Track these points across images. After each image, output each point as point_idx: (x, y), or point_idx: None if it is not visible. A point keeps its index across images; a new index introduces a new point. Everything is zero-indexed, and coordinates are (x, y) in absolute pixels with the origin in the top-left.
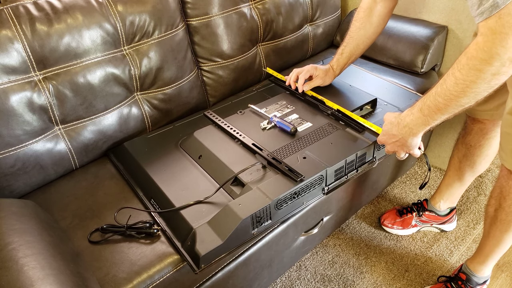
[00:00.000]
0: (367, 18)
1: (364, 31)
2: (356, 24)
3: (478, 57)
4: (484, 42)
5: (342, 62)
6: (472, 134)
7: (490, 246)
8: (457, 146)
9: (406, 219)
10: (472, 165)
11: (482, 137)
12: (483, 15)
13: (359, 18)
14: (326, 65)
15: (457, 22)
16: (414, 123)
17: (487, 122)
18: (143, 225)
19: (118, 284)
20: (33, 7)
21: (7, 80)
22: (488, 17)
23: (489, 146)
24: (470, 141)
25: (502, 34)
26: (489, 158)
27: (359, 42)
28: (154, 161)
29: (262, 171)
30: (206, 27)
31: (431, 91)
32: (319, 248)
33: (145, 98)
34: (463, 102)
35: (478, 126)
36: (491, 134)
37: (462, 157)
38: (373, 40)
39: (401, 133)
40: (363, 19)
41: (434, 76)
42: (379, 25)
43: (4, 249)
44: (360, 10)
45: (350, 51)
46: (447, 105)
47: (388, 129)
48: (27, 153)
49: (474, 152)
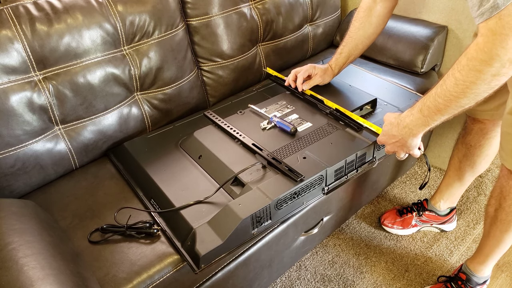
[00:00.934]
0: (367, 18)
1: (363, 31)
2: (355, 24)
3: (478, 58)
4: (484, 43)
5: (341, 61)
6: (472, 134)
7: (490, 246)
8: (457, 146)
9: (406, 219)
10: (472, 165)
11: (482, 137)
12: (483, 16)
13: (358, 18)
14: (325, 65)
15: (457, 22)
16: (414, 123)
17: (487, 122)
18: (143, 225)
19: (118, 284)
20: (33, 7)
21: (7, 80)
22: (488, 18)
23: (489, 146)
24: (470, 141)
25: (502, 35)
26: (489, 158)
27: (358, 42)
28: (154, 161)
29: (262, 171)
30: (206, 27)
31: (431, 91)
32: (319, 248)
33: (145, 98)
34: (463, 103)
35: (478, 126)
36: (491, 134)
37: (462, 157)
38: (372, 40)
39: (401, 134)
40: (362, 19)
41: (434, 76)
42: (379, 25)
43: (4, 249)
44: (359, 10)
45: (349, 51)
46: (447, 106)
47: (388, 129)
48: (27, 153)
49: (474, 152)
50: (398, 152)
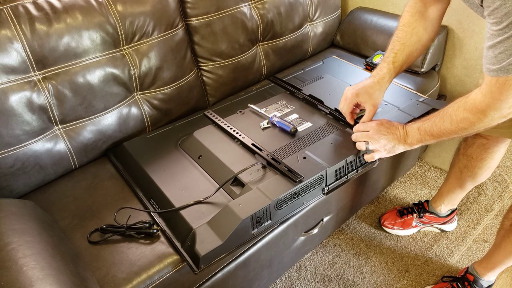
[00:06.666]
0: (419, 23)
1: (417, 37)
2: (406, 29)
3: (472, 112)
4: (480, 102)
5: (395, 72)
6: (473, 147)
7: (500, 256)
8: (458, 157)
9: (407, 220)
10: (473, 176)
11: (484, 151)
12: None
13: (409, 23)
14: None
15: (457, 22)
16: (412, 134)
17: (490, 138)
18: (143, 225)
19: (118, 284)
20: (33, 7)
21: (7, 80)
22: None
23: (491, 159)
24: (471, 153)
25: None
26: (490, 170)
27: (413, 50)
28: (153, 161)
29: (262, 171)
30: (205, 27)
31: (431, 116)
32: (319, 248)
33: (144, 98)
34: (456, 137)
35: (480, 141)
36: (493, 149)
37: (463, 168)
38: (426, 47)
39: (400, 136)
40: (414, 24)
41: (434, 75)
42: (434, 30)
43: (4, 249)
44: (407, 15)
45: (403, 59)
46: (440, 135)
47: (389, 124)
48: (26, 153)
49: (476, 164)
50: (373, 143)
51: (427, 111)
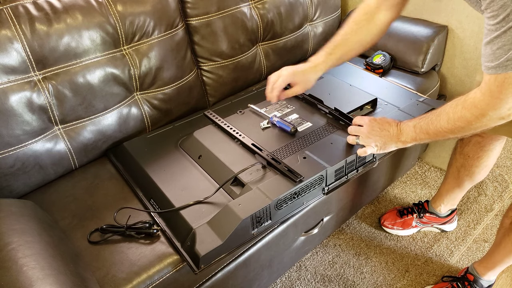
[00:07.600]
0: (366, 23)
1: (359, 37)
2: (352, 26)
3: (471, 111)
4: (479, 101)
5: (330, 63)
6: (470, 146)
7: (500, 255)
8: (455, 156)
9: (407, 220)
10: (471, 175)
11: (480, 149)
12: (489, 70)
13: (357, 21)
14: (307, 64)
15: (457, 22)
16: (406, 132)
17: (486, 136)
18: (143, 225)
19: (118, 284)
20: (33, 7)
21: (7, 80)
22: (496, 74)
23: (487, 157)
24: (468, 152)
25: (498, 99)
26: (487, 169)
27: (352, 48)
28: (153, 161)
29: (262, 171)
30: (206, 27)
31: (428, 115)
32: (319, 248)
33: (144, 98)
34: (450, 137)
35: (476, 139)
36: (489, 147)
37: (461, 167)
38: (366, 49)
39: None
40: (361, 23)
41: (434, 75)
42: (377, 35)
43: (4, 249)
44: (359, 12)
45: (341, 54)
46: (436, 134)
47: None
48: (26, 153)
49: (473, 163)
50: (362, 138)
51: (427, 111)
